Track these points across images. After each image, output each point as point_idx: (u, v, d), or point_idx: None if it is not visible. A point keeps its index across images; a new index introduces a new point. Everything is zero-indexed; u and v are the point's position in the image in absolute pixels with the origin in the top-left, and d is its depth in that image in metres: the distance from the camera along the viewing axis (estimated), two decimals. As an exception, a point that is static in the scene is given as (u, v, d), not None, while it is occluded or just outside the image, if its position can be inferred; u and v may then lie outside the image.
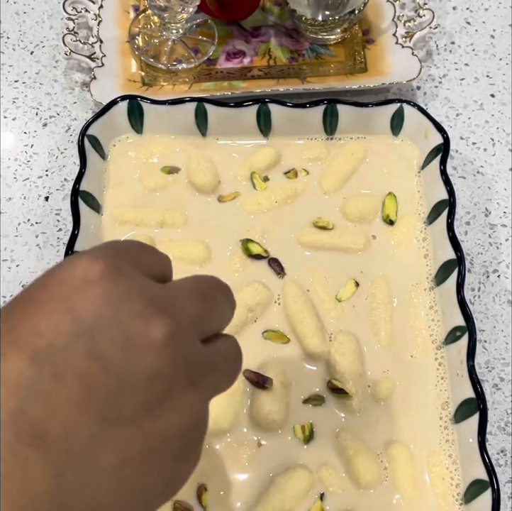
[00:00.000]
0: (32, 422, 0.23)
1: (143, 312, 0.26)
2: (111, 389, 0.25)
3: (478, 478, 0.43)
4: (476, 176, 0.59)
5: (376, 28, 0.64)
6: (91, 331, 0.25)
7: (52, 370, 0.24)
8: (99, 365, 0.25)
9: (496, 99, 0.63)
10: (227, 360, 0.30)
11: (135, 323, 0.26)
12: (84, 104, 0.62)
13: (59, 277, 0.27)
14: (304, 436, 0.46)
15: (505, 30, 0.66)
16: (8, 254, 0.55)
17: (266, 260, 0.52)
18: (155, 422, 0.26)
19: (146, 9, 0.64)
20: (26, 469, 0.23)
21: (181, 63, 0.62)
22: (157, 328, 0.26)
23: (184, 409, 0.27)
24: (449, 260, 0.50)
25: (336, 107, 0.55)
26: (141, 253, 0.30)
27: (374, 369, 0.49)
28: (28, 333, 0.25)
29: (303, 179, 0.55)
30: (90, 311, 0.25)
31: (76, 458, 0.24)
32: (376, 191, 0.55)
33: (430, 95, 0.63)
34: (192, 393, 0.27)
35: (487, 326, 0.53)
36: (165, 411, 0.26)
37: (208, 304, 0.29)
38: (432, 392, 0.48)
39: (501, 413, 0.50)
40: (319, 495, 0.45)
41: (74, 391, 0.24)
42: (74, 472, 0.24)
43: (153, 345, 0.26)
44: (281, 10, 0.65)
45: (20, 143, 0.60)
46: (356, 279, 0.51)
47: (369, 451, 0.46)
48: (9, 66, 0.64)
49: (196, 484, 0.45)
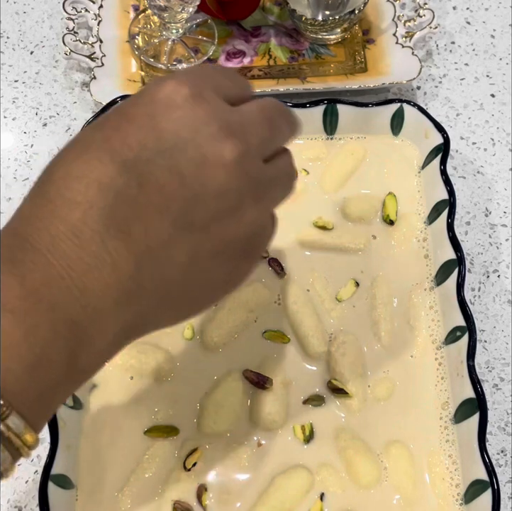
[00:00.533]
0: (118, 220, 0.28)
1: (218, 135, 0.30)
2: (186, 200, 0.29)
3: (478, 478, 0.43)
4: (476, 176, 0.59)
5: (376, 28, 0.64)
6: (172, 149, 0.29)
7: (138, 179, 0.28)
8: (177, 178, 0.29)
9: (496, 99, 0.63)
10: (285, 174, 0.35)
11: (210, 144, 0.29)
12: (84, 104, 0.62)
13: (148, 97, 0.30)
14: (304, 436, 0.46)
15: (505, 30, 0.66)
16: (8, 254, 0.55)
17: (266, 260, 0.52)
18: (222, 230, 0.30)
19: (146, 9, 0.64)
20: (113, 256, 0.28)
21: (181, 63, 0.62)
22: (229, 149, 0.30)
23: (247, 221, 0.31)
24: (449, 260, 0.50)
25: (336, 107, 0.55)
26: (223, 79, 0.33)
27: (374, 369, 0.49)
28: (119, 144, 0.29)
29: (303, 179, 0.55)
30: (172, 131, 0.29)
31: (153, 252, 0.29)
32: (376, 191, 0.55)
33: (430, 95, 0.63)
34: (256, 207, 0.31)
35: (487, 326, 0.53)
36: (231, 222, 0.30)
37: (274, 128, 0.33)
38: (432, 392, 0.48)
39: (500, 413, 0.50)
40: (319, 495, 0.45)
41: (155, 199, 0.29)
42: (150, 263, 0.29)
43: (225, 165, 0.29)
44: (281, 10, 0.65)
45: (20, 142, 0.60)
46: (356, 280, 0.51)
47: (369, 451, 0.46)
48: (9, 66, 0.64)
49: (196, 484, 0.45)
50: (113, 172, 0.28)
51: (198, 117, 0.30)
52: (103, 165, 0.28)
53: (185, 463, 0.45)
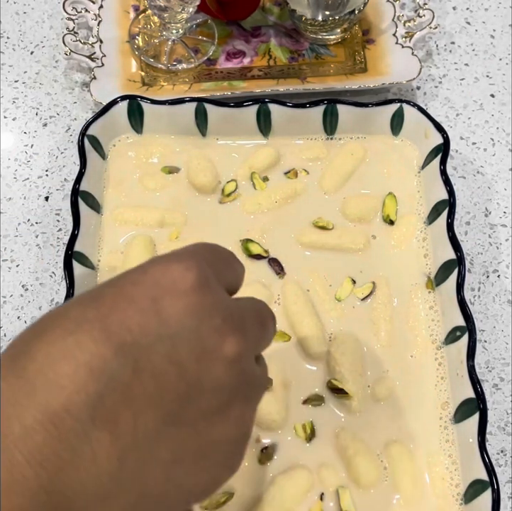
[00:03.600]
0: (107, 408, 0.25)
1: (221, 328, 0.29)
2: (180, 394, 0.27)
3: (478, 478, 0.43)
4: (476, 176, 0.59)
5: (376, 28, 0.64)
6: (174, 338, 0.27)
7: (134, 365, 0.26)
8: (175, 370, 0.27)
9: (496, 99, 0.63)
10: (266, 378, 0.34)
11: (212, 337, 0.28)
12: (84, 104, 0.62)
13: (152, 279, 0.29)
14: (306, 435, 0.46)
15: (505, 30, 0.66)
16: (8, 254, 0.55)
17: (266, 260, 0.52)
18: (211, 429, 0.29)
19: (146, 9, 0.64)
20: (94, 449, 0.25)
21: (181, 63, 0.62)
22: (230, 345, 0.29)
23: (236, 420, 0.30)
24: (449, 260, 0.50)
25: (336, 107, 0.55)
26: (224, 264, 0.33)
27: (374, 369, 0.49)
28: (117, 325, 0.27)
29: (303, 179, 0.55)
30: (176, 319, 0.28)
31: (139, 447, 0.26)
32: (376, 191, 0.55)
33: (430, 95, 0.63)
34: (246, 406, 0.30)
35: (487, 326, 0.53)
36: (221, 420, 0.29)
37: (265, 329, 0.33)
38: (432, 392, 0.48)
39: (501, 413, 0.50)
40: (319, 495, 0.45)
41: (149, 388, 0.26)
42: (134, 459, 0.26)
43: (224, 361, 0.28)
44: (281, 10, 0.65)
45: (20, 143, 0.60)
46: (354, 279, 0.51)
47: (369, 451, 0.46)
48: (9, 66, 0.64)
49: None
50: (108, 355, 0.26)
51: (203, 307, 0.28)
52: (97, 347, 0.26)
53: (185, 463, 0.45)
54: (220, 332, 0.29)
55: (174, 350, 0.27)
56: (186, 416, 0.28)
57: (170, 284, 0.28)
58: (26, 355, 0.26)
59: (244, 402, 0.30)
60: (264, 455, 0.46)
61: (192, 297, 0.28)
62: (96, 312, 0.27)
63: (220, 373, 0.28)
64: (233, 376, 0.29)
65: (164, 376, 0.27)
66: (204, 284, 0.29)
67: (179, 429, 0.28)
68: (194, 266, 0.29)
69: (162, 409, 0.27)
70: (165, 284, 0.28)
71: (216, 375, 0.28)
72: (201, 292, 0.29)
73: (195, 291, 0.28)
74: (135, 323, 0.27)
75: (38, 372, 0.25)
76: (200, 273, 0.29)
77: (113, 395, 0.25)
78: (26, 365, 0.25)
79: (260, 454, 0.46)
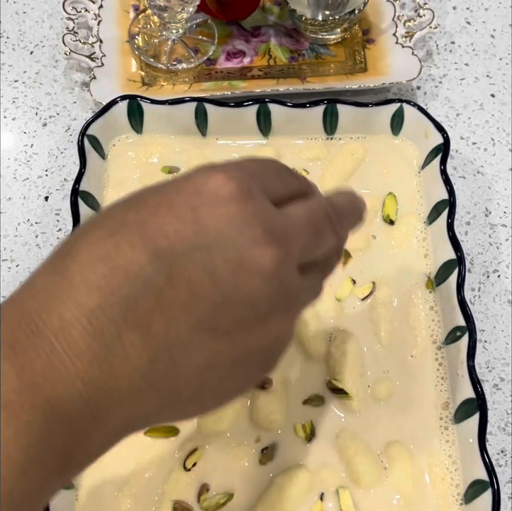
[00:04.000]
0: (140, 312, 0.26)
1: (260, 239, 0.28)
2: (215, 302, 0.27)
3: (478, 478, 0.43)
4: (476, 176, 0.59)
5: (376, 28, 0.64)
6: (210, 247, 0.27)
7: (169, 271, 0.26)
8: (209, 278, 0.27)
9: (496, 99, 0.63)
10: (314, 290, 0.34)
11: (250, 248, 0.28)
12: (83, 104, 0.62)
13: (194, 187, 0.28)
14: (306, 435, 0.46)
15: (506, 30, 0.66)
16: (8, 254, 0.55)
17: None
18: (245, 339, 0.29)
19: (146, 9, 0.64)
20: (127, 349, 0.26)
21: (181, 63, 0.62)
22: (269, 257, 0.28)
23: (273, 332, 0.29)
24: (449, 260, 0.50)
25: (336, 107, 0.55)
26: (273, 178, 0.31)
27: (374, 369, 0.49)
28: (155, 230, 0.27)
29: (303, 179, 0.55)
30: (213, 228, 0.27)
31: (171, 352, 0.27)
32: (376, 191, 0.55)
33: (430, 95, 0.63)
34: (283, 319, 0.30)
35: (487, 326, 0.53)
36: (256, 332, 0.29)
37: (317, 237, 0.31)
38: (433, 392, 0.48)
39: (501, 413, 0.50)
40: (319, 495, 0.45)
41: (183, 295, 0.27)
42: (165, 363, 0.27)
43: (261, 273, 0.28)
44: (281, 10, 0.65)
45: (20, 142, 0.60)
46: (354, 278, 0.51)
47: (369, 451, 0.46)
48: (9, 66, 0.64)
49: (196, 484, 0.45)
50: (144, 260, 0.26)
51: (243, 217, 0.28)
52: (134, 251, 0.26)
53: (185, 463, 0.45)
54: (259, 243, 0.28)
55: (210, 260, 0.27)
56: (221, 326, 0.28)
57: (211, 192, 0.28)
58: (69, 254, 0.27)
59: (282, 316, 0.30)
60: (264, 455, 0.46)
61: (231, 206, 0.28)
62: (136, 216, 0.27)
63: (257, 286, 0.28)
64: (271, 290, 0.28)
65: (198, 284, 0.27)
66: (246, 193, 0.28)
67: (213, 336, 0.28)
68: (237, 176, 0.29)
69: (195, 317, 0.27)
70: (205, 193, 0.28)
71: (253, 288, 0.28)
72: (242, 202, 0.28)
73: (235, 200, 0.28)
74: (172, 229, 0.27)
75: (78, 271, 0.26)
76: (242, 182, 0.28)
77: (147, 299, 0.26)
78: (68, 264, 0.27)
79: (260, 454, 0.46)
